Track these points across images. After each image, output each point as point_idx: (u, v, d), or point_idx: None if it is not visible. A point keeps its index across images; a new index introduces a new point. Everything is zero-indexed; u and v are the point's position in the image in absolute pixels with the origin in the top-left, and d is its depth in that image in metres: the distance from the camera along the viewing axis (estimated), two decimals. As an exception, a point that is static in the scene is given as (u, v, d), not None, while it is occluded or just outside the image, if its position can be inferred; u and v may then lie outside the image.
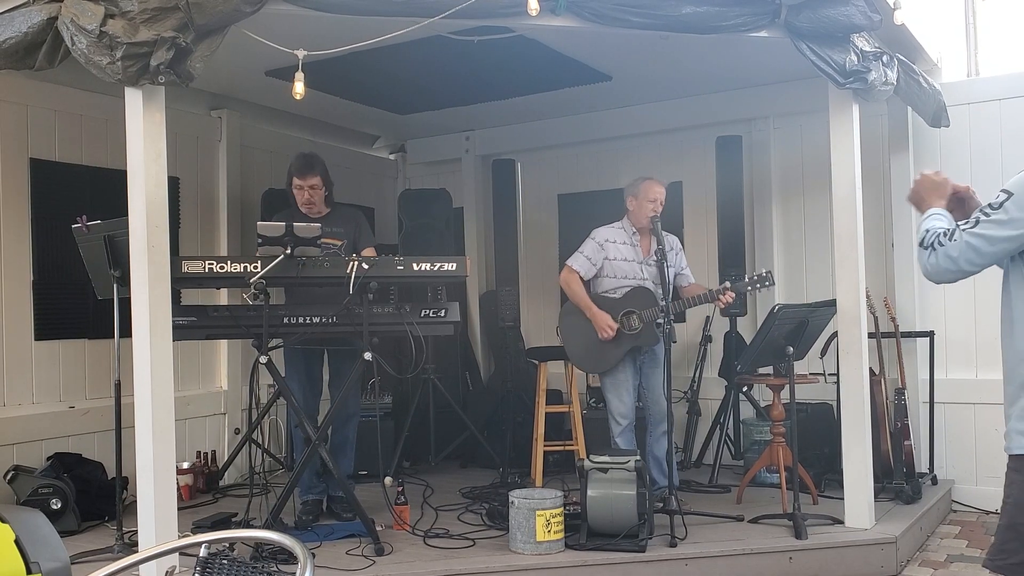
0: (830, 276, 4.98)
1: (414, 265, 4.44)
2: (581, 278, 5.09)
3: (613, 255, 5.09)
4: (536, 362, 5.91)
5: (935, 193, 2.54)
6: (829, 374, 5.30)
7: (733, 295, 4.94)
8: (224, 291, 5.64)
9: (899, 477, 5.28)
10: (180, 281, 4.23)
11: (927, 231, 2.41)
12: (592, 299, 5.07)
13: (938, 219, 2.45)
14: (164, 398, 3.79)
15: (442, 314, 4.61)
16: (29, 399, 5.26)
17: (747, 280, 4.98)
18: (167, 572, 2.23)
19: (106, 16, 3.53)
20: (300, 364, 4.99)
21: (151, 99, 3.75)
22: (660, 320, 4.79)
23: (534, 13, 3.87)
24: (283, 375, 5.19)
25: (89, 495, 5.00)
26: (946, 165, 5.95)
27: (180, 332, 4.12)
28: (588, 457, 4.52)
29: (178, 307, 4.38)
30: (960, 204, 2.58)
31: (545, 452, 5.75)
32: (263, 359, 4.24)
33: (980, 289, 5.63)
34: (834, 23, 4.27)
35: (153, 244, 3.76)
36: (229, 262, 4.28)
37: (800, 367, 5.12)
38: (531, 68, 5.81)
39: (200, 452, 6.04)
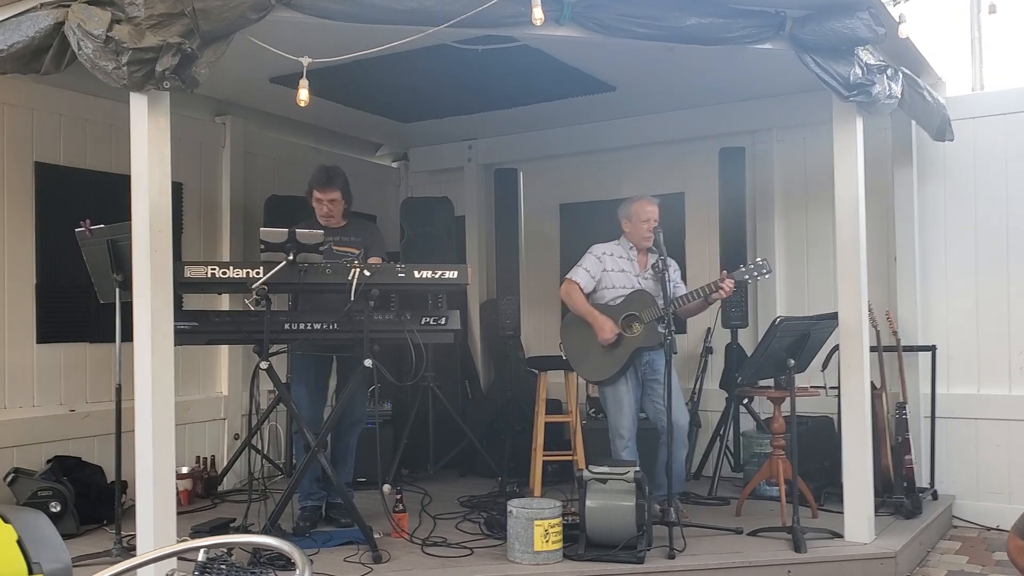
0: (832, 289, 4.96)
1: (415, 273, 4.45)
2: (581, 290, 5.08)
3: (611, 267, 5.08)
4: (536, 371, 5.91)
5: None
6: (830, 387, 5.28)
7: (733, 282, 4.83)
8: (226, 296, 5.65)
9: (899, 492, 5.27)
10: (182, 286, 4.25)
11: None
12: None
13: None
14: (164, 403, 3.78)
15: (442, 322, 4.62)
16: (30, 402, 5.26)
17: (744, 268, 4.92)
18: (165, 577, 2.23)
19: (112, 21, 3.54)
20: (309, 371, 4.99)
21: (156, 104, 3.75)
22: (662, 328, 4.76)
23: (538, 23, 3.87)
24: (289, 381, 5.20)
25: (88, 498, 5.00)
26: (949, 179, 5.95)
27: (181, 337, 4.12)
28: (587, 467, 4.51)
29: (180, 312, 4.38)
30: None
31: (544, 462, 5.75)
32: (263, 365, 4.24)
33: (983, 305, 5.60)
34: (839, 36, 4.27)
35: (156, 249, 3.76)
36: (231, 267, 4.29)
37: (801, 380, 5.10)
38: (535, 78, 5.82)
39: (199, 457, 6.04)
